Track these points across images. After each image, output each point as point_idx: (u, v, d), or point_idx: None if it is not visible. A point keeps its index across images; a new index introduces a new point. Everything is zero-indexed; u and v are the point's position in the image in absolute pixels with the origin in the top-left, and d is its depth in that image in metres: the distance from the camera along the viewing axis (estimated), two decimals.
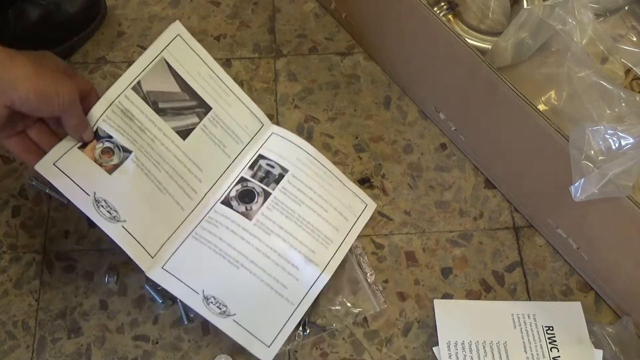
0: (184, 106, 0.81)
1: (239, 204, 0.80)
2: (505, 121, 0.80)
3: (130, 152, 0.76)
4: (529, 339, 0.78)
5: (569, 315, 0.80)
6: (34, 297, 0.80)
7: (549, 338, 0.78)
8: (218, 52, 0.97)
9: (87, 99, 0.76)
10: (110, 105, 0.77)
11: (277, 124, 0.91)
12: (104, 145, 0.75)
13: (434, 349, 0.78)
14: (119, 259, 0.82)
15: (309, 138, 0.91)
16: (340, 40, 0.99)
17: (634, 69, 0.86)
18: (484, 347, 0.77)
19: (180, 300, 0.77)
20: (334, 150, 0.90)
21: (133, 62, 0.95)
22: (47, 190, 0.85)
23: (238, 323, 0.74)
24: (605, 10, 0.90)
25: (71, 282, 0.81)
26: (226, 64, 0.96)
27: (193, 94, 0.81)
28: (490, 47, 0.87)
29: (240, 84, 0.94)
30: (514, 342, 0.78)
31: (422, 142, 0.91)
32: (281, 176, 0.82)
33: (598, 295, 0.82)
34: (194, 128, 0.81)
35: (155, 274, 0.75)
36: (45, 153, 0.73)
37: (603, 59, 0.81)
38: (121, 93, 0.77)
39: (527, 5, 0.90)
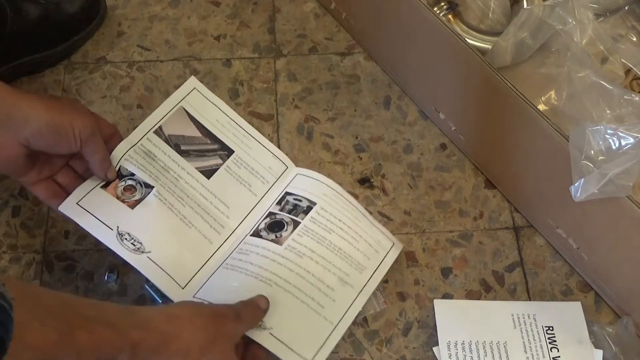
0: (206, 149, 0.82)
1: (268, 234, 0.78)
2: (505, 121, 0.80)
3: (152, 187, 0.77)
4: (529, 339, 0.78)
5: (569, 315, 0.80)
6: None
7: (549, 338, 0.78)
8: (218, 52, 0.97)
9: (111, 142, 0.76)
10: (133, 146, 0.78)
11: (277, 124, 0.91)
12: (127, 183, 0.76)
13: (434, 349, 0.78)
14: (119, 259, 0.81)
15: (309, 138, 0.91)
16: (340, 40, 0.99)
17: (634, 69, 0.86)
18: (484, 347, 0.77)
19: None
20: (334, 150, 0.90)
21: (133, 61, 0.96)
22: None
23: (276, 337, 0.71)
24: (605, 10, 0.90)
25: (71, 282, 0.81)
26: (226, 64, 0.96)
27: (214, 139, 0.83)
28: (490, 47, 0.87)
29: (240, 83, 0.94)
30: (514, 342, 0.78)
31: (422, 142, 0.91)
32: (309, 208, 0.80)
33: (598, 295, 0.82)
34: (217, 169, 0.81)
35: (182, 296, 0.75)
36: None
37: (603, 59, 0.81)
38: (143, 136, 0.79)
39: (527, 5, 0.90)
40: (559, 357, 0.77)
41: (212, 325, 0.64)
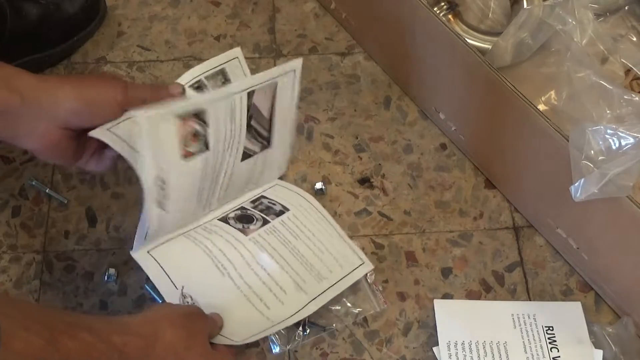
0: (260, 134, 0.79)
1: (236, 223, 0.79)
2: (505, 121, 0.80)
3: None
4: (529, 339, 0.78)
5: (569, 315, 0.80)
6: (33, 297, 0.80)
7: (549, 338, 0.78)
8: (218, 52, 0.96)
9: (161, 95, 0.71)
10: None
11: None
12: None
13: (434, 349, 0.78)
14: (119, 259, 0.82)
15: (309, 138, 0.91)
16: (340, 40, 0.99)
17: (634, 69, 0.86)
18: (484, 347, 0.77)
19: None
20: (334, 150, 0.90)
21: (133, 61, 0.96)
22: (47, 190, 0.85)
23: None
24: (605, 10, 0.90)
25: (71, 282, 0.81)
26: None
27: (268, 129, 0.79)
28: (490, 47, 0.87)
29: None
30: (514, 342, 0.78)
31: (422, 142, 0.91)
32: (281, 212, 0.81)
33: (598, 295, 0.82)
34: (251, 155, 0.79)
35: (139, 255, 0.74)
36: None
37: (603, 59, 0.81)
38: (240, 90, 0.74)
39: (527, 5, 0.90)
40: (559, 357, 0.77)
41: (189, 323, 0.66)
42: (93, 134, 0.66)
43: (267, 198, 0.83)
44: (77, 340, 0.55)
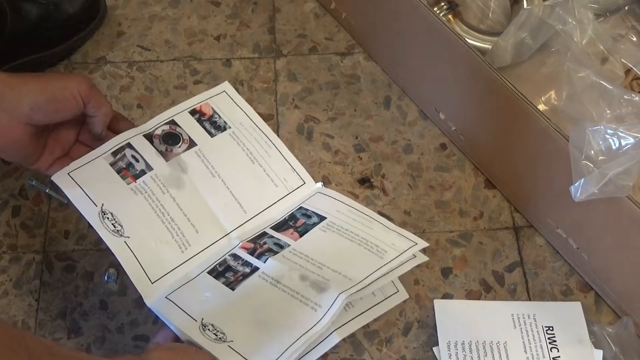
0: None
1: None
2: (505, 121, 0.80)
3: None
4: (529, 339, 0.78)
5: (569, 315, 0.80)
6: (34, 297, 0.80)
7: (549, 338, 0.78)
8: (218, 52, 0.97)
9: (117, 122, 0.75)
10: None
11: (277, 124, 0.91)
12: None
13: (434, 349, 0.78)
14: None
15: (309, 138, 0.91)
16: (340, 40, 0.99)
17: (634, 69, 0.86)
18: (484, 347, 0.77)
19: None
20: (334, 150, 0.90)
21: (133, 61, 0.96)
22: (47, 190, 0.85)
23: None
24: (605, 10, 0.90)
25: (71, 282, 0.81)
26: (226, 64, 0.96)
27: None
28: (490, 47, 0.87)
29: (240, 83, 0.94)
30: (514, 342, 0.78)
31: (422, 142, 0.91)
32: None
33: (598, 295, 0.82)
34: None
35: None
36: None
37: (603, 59, 0.81)
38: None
39: (527, 5, 0.90)
40: (559, 357, 0.77)
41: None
42: (54, 178, 0.70)
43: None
44: None
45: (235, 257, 0.74)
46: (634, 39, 0.91)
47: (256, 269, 0.73)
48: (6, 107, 0.64)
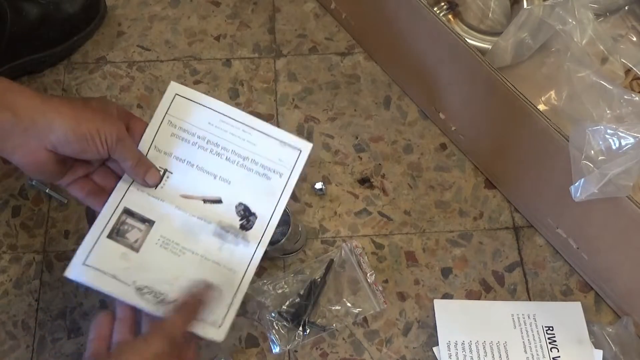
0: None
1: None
2: (505, 121, 0.80)
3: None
4: (529, 339, 0.78)
5: (569, 315, 0.80)
6: (34, 297, 0.80)
7: (549, 338, 0.78)
8: (218, 52, 0.97)
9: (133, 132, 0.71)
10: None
11: (277, 124, 0.91)
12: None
13: (434, 349, 0.78)
14: None
15: (309, 138, 0.91)
16: (340, 40, 0.99)
17: (634, 69, 0.86)
18: (484, 347, 0.77)
19: None
20: (334, 150, 0.90)
21: (133, 61, 0.96)
22: (47, 191, 0.85)
23: None
24: (605, 10, 0.90)
25: (71, 282, 0.80)
26: (226, 64, 0.96)
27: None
28: (490, 47, 0.87)
29: (240, 83, 0.94)
30: (514, 342, 0.78)
31: (422, 142, 0.91)
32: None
33: (598, 295, 0.82)
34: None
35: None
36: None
37: (603, 59, 0.81)
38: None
39: (527, 5, 0.90)
40: (559, 357, 0.77)
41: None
42: (71, 276, 0.66)
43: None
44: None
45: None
46: (634, 39, 0.91)
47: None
48: (36, 134, 0.64)
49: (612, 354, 0.76)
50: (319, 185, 0.87)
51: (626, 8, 0.91)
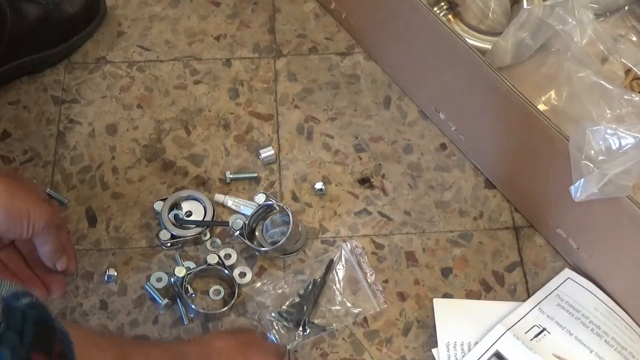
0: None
1: None
2: (505, 121, 0.80)
3: None
4: None
5: None
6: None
7: None
8: (218, 52, 0.97)
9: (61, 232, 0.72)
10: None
11: (277, 124, 0.91)
12: None
13: (433, 350, 0.77)
14: (119, 259, 0.82)
15: (309, 138, 0.91)
16: (340, 40, 0.99)
17: (634, 69, 0.86)
18: None
19: (179, 300, 0.77)
20: (334, 150, 0.90)
21: (133, 61, 0.96)
22: (47, 190, 0.85)
23: None
24: (605, 10, 0.90)
25: (71, 282, 0.81)
26: (226, 64, 0.96)
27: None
28: (490, 47, 0.87)
29: (240, 83, 0.94)
30: None
31: (422, 142, 0.91)
32: None
33: None
34: None
35: None
36: (10, 278, 0.67)
37: (603, 59, 0.81)
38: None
39: (527, 5, 0.90)
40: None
41: (240, 337, 0.74)
42: None
43: None
44: (145, 354, 0.65)
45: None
46: (634, 39, 0.91)
47: None
48: None
49: None
50: (319, 185, 0.86)
51: (626, 8, 0.91)
